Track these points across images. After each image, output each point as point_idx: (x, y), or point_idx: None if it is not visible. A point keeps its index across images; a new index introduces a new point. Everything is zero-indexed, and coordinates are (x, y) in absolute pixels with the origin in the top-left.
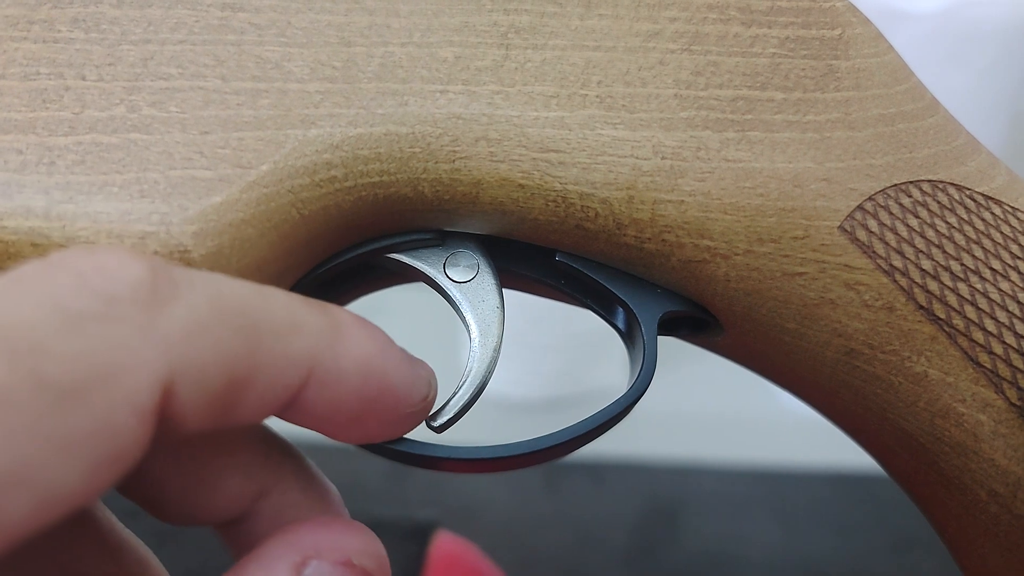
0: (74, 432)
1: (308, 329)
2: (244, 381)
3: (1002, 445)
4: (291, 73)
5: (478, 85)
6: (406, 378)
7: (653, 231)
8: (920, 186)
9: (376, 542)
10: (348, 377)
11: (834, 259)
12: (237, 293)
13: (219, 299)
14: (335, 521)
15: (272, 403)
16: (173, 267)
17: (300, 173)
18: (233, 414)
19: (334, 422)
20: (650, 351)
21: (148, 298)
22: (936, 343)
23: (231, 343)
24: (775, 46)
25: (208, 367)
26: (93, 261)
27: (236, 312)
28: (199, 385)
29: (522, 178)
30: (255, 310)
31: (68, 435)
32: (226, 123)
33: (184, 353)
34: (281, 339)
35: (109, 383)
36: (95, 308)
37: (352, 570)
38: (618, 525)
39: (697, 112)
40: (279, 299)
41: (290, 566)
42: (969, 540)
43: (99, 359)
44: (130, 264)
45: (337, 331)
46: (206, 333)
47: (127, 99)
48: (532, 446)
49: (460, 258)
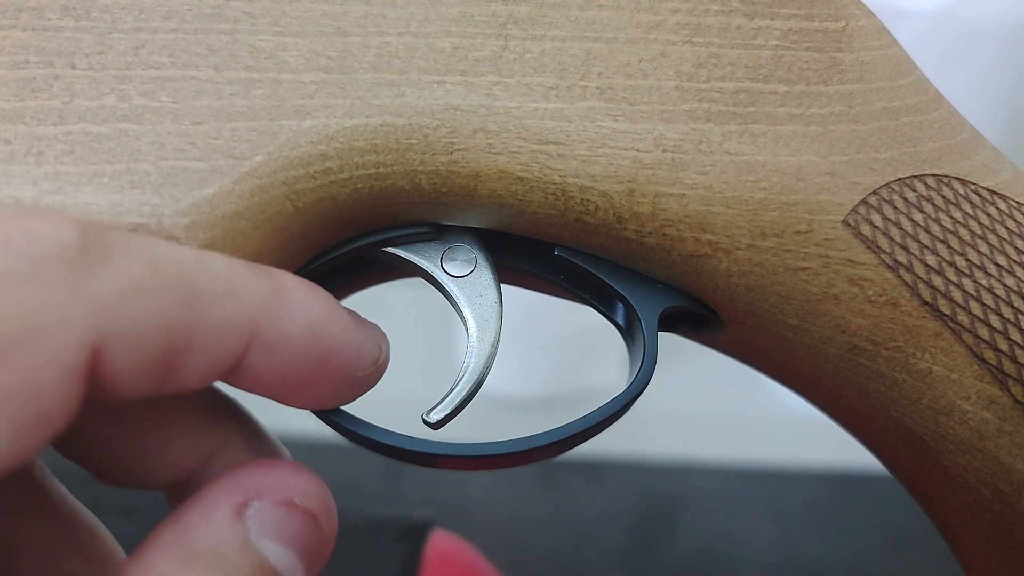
0: None
1: (248, 292)
2: (182, 345)
3: (1007, 443)
4: (285, 63)
5: (476, 76)
6: (354, 341)
7: (654, 225)
8: (925, 180)
9: (319, 483)
10: (293, 341)
11: (838, 254)
12: (174, 257)
13: (154, 262)
14: (276, 462)
15: (214, 368)
16: (109, 231)
17: (294, 164)
18: (174, 379)
19: (283, 387)
20: (650, 347)
21: (77, 259)
22: (941, 339)
23: (167, 306)
24: (778, 38)
25: (142, 330)
26: (20, 224)
27: (172, 275)
28: (133, 348)
29: (521, 170)
30: (192, 273)
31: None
32: (219, 113)
33: (116, 315)
34: (220, 303)
35: (34, 342)
36: (20, 268)
37: (295, 511)
38: (615, 524)
39: (699, 104)
40: (218, 263)
41: (232, 508)
42: (973, 539)
43: (24, 319)
44: (59, 226)
45: (279, 294)
46: (140, 296)
47: (118, 88)
48: (530, 443)
49: (457, 252)
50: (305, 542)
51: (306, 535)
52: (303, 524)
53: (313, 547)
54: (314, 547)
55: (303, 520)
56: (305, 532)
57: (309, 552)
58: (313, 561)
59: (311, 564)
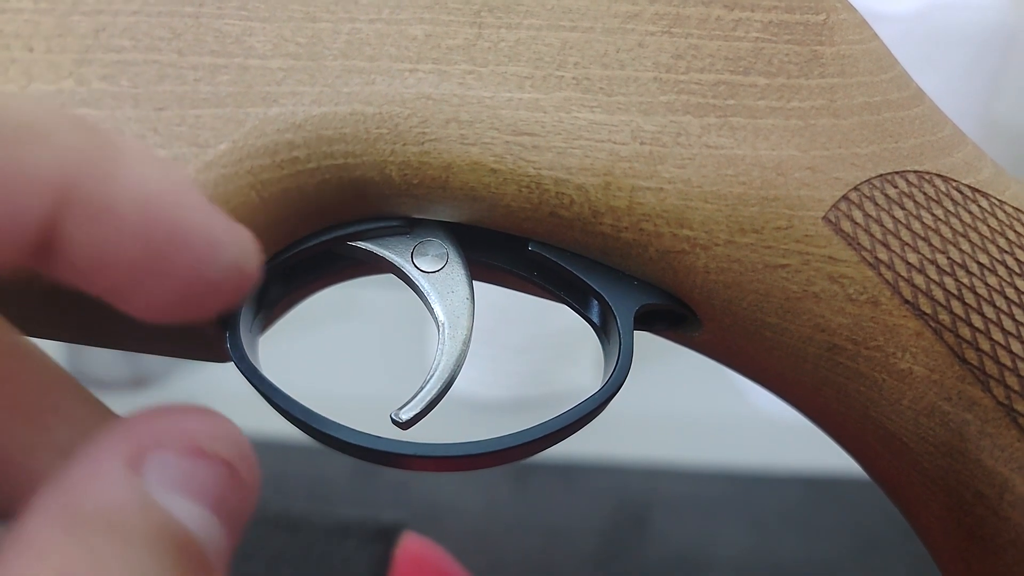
0: None
1: (60, 139)
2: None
3: (989, 445)
4: (252, 48)
5: (449, 64)
6: (205, 227)
7: (630, 220)
8: (906, 177)
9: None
10: (123, 209)
11: (818, 251)
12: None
13: None
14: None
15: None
16: None
17: (260, 153)
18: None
19: (112, 274)
20: (626, 345)
21: None
22: (922, 339)
23: None
24: (758, 30)
25: None
26: None
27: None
28: None
29: (494, 162)
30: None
31: None
32: (182, 99)
33: None
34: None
35: None
36: None
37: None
38: (588, 527)
39: (677, 96)
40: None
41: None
42: (953, 544)
43: None
44: None
45: (107, 150)
46: None
47: (76, 72)
48: (502, 443)
49: (429, 247)
50: (220, 495)
51: (221, 487)
52: (216, 474)
53: (231, 501)
54: (233, 501)
55: (215, 470)
56: (219, 484)
57: (227, 507)
58: (233, 518)
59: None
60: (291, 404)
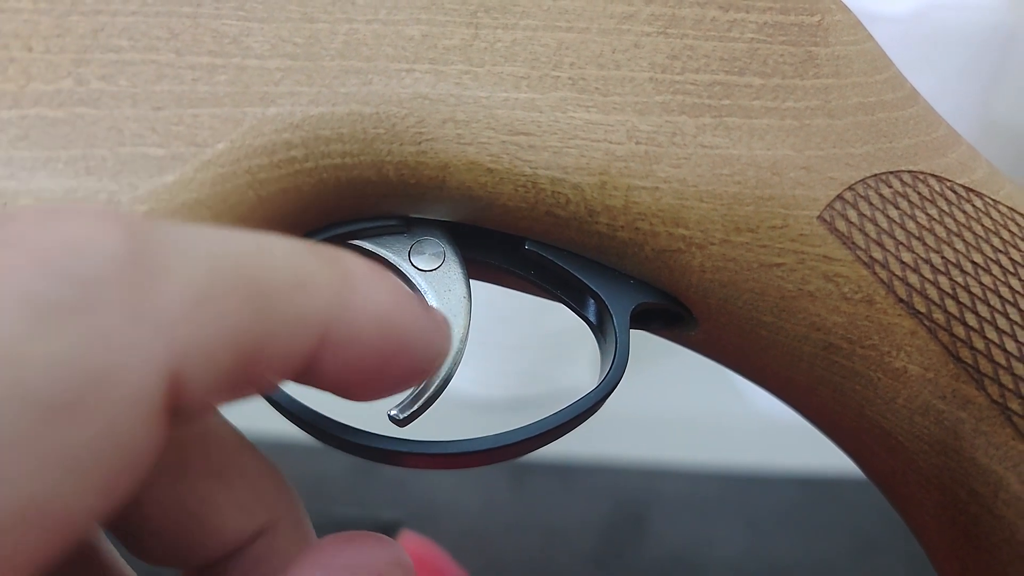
0: (75, 451)
1: (317, 285)
2: (254, 353)
3: (983, 443)
4: (250, 49)
5: (446, 64)
6: (423, 330)
7: (626, 219)
8: (900, 176)
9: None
10: (364, 336)
11: (813, 250)
12: (233, 251)
13: (216, 263)
14: (356, 536)
15: (283, 370)
16: (153, 225)
17: (258, 153)
18: (242, 390)
19: (348, 384)
20: (622, 344)
21: (133, 275)
22: (916, 338)
23: (236, 314)
24: (753, 31)
25: (215, 346)
26: (54, 236)
27: (237, 276)
28: (208, 367)
29: (491, 162)
30: (257, 269)
31: (69, 456)
32: (180, 99)
33: (187, 334)
34: (289, 300)
35: (105, 387)
36: (69, 297)
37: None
38: (585, 527)
39: (673, 96)
40: (281, 252)
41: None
42: (948, 542)
43: (88, 360)
44: (102, 233)
45: (348, 283)
46: (207, 307)
47: (75, 72)
48: (500, 441)
49: (426, 246)
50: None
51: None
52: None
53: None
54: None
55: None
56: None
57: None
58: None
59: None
60: (289, 401)
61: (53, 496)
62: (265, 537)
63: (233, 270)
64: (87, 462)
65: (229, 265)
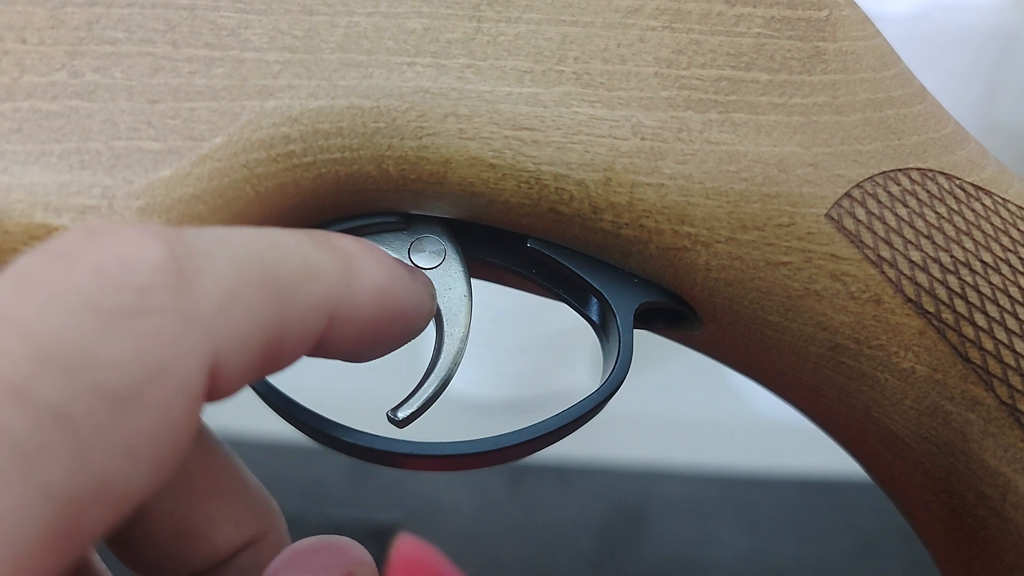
0: (138, 436)
1: (324, 272)
2: (276, 340)
3: (992, 445)
4: (248, 41)
5: (448, 58)
6: (414, 297)
7: (631, 216)
8: (909, 174)
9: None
10: (365, 310)
11: (820, 248)
12: (251, 248)
13: (239, 263)
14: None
15: (299, 352)
16: (181, 233)
17: (256, 147)
18: (264, 372)
19: (348, 352)
20: (626, 344)
21: (176, 281)
22: (924, 338)
23: (262, 306)
24: (760, 26)
25: (246, 337)
26: (106, 250)
27: (258, 272)
28: (240, 356)
29: (493, 157)
30: (274, 264)
31: (132, 441)
32: (177, 92)
33: (223, 329)
34: (302, 289)
35: (162, 380)
36: (128, 303)
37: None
38: (583, 529)
39: (678, 92)
40: (290, 245)
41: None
42: (955, 545)
43: (148, 358)
44: (146, 246)
45: (350, 266)
46: (238, 303)
47: (69, 64)
48: (500, 443)
49: (426, 243)
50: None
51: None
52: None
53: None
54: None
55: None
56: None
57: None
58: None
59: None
60: (287, 402)
61: (119, 474)
62: (251, 549)
63: (255, 267)
64: (145, 445)
65: (251, 263)
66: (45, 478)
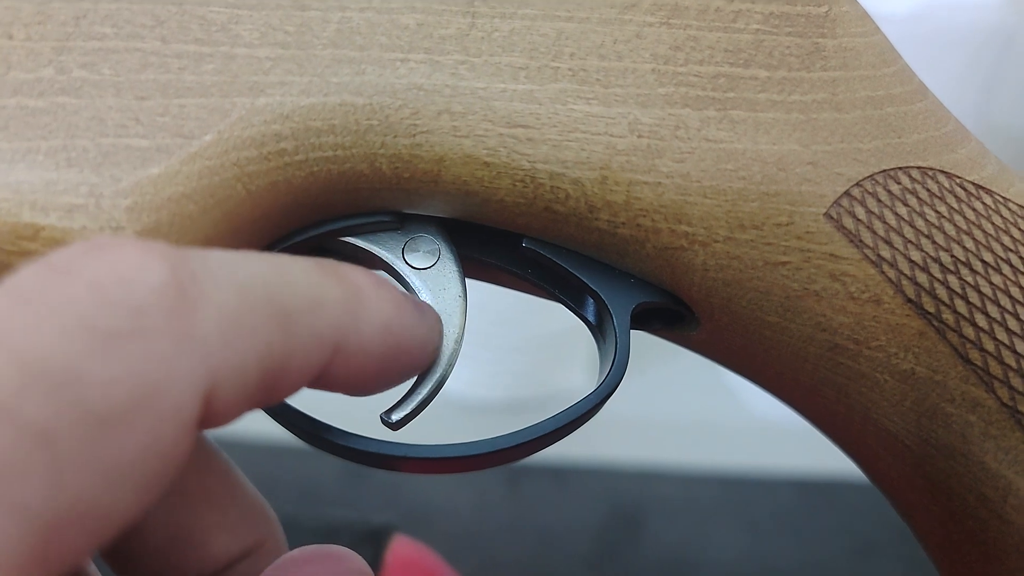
0: (123, 459)
1: (331, 303)
2: (278, 370)
3: (992, 447)
4: (239, 37)
5: (441, 54)
6: (420, 333)
7: (627, 215)
8: (909, 173)
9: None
10: (372, 345)
11: (819, 248)
12: (258, 275)
13: (244, 289)
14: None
15: (300, 383)
16: (187, 255)
17: (247, 145)
18: (263, 402)
19: (355, 385)
20: (622, 345)
21: (176, 304)
22: (925, 339)
23: (265, 335)
24: (759, 22)
25: (245, 365)
26: (106, 266)
27: (263, 299)
28: (238, 384)
29: (487, 155)
30: (279, 292)
31: (117, 464)
32: (166, 88)
33: (222, 356)
34: (307, 318)
35: (152, 403)
36: (124, 324)
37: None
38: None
39: (676, 89)
40: (297, 273)
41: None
42: (954, 548)
43: (139, 380)
44: (148, 266)
45: (358, 298)
46: (240, 330)
47: (56, 60)
48: (497, 444)
49: (420, 243)
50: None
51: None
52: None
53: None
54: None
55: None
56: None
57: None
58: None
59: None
60: (282, 406)
61: (101, 496)
62: (248, 559)
63: (260, 294)
64: (130, 468)
65: (256, 290)
66: (21, 499)
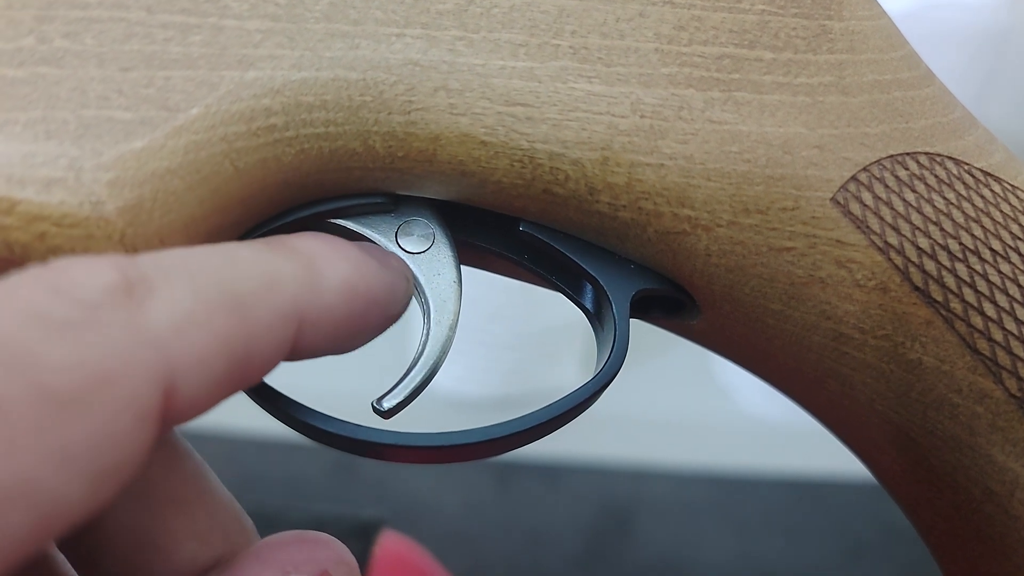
0: (76, 442)
1: (285, 278)
2: (242, 355)
3: (1000, 439)
4: (228, 8)
5: (439, 30)
6: (386, 283)
7: (629, 198)
8: (917, 158)
9: (346, 551)
10: (336, 307)
11: (825, 233)
12: (207, 267)
13: (196, 282)
14: (303, 536)
15: (271, 362)
16: (137, 258)
17: (235, 120)
18: (237, 387)
19: (328, 349)
20: (621, 333)
21: (126, 300)
22: (932, 328)
23: (223, 324)
24: (764, 3)
25: (207, 355)
26: (59, 273)
27: (216, 290)
28: (203, 375)
29: (485, 134)
30: (232, 280)
31: (70, 446)
32: (151, 59)
33: (180, 348)
34: (264, 301)
35: (108, 389)
36: (77, 315)
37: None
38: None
39: (680, 69)
40: (246, 257)
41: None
42: (959, 543)
43: (94, 365)
44: (96, 268)
45: (311, 267)
46: (195, 322)
47: (38, 29)
48: (489, 434)
49: (414, 227)
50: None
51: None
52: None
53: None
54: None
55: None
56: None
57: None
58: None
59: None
60: (267, 391)
61: (49, 478)
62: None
63: (212, 286)
64: (84, 453)
65: (208, 282)
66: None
